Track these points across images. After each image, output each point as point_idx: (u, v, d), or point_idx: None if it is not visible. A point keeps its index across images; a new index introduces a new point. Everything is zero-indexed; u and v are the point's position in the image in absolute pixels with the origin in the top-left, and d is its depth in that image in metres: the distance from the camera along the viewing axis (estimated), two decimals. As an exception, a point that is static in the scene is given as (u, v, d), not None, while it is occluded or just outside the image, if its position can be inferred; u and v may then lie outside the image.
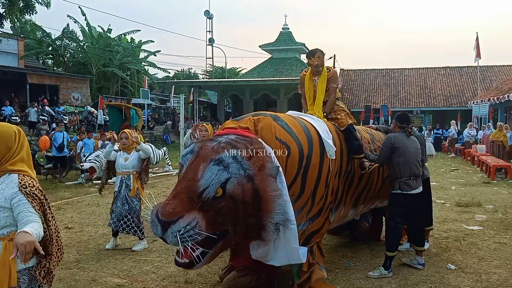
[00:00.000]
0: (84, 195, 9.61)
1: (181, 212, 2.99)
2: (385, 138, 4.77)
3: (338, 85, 4.91)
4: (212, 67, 45.50)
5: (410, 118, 4.94)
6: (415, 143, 4.73)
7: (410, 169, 4.54)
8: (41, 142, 12.17)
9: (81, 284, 4.38)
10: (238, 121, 3.69)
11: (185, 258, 3.13)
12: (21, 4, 17.11)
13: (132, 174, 5.51)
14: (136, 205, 5.51)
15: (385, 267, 4.53)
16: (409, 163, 4.54)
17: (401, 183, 4.54)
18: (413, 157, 4.59)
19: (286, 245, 3.39)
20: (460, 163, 17.33)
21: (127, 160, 5.53)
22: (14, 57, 26.50)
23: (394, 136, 4.65)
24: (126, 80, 34.02)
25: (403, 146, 4.55)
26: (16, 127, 2.39)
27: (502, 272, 4.62)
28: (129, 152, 5.57)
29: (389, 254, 4.55)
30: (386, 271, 4.50)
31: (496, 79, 28.78)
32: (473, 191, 9.93)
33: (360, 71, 32.85)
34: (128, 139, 5.55)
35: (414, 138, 4.80)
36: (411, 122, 4.89)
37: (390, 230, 4.66)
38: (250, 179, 3.13)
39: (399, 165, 4.52)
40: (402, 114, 4.95)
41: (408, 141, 4.63)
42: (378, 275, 4.46)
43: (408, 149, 4.57)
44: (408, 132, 4.73)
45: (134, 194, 5.47)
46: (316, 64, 4.63)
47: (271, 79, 28.27)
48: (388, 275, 4.48)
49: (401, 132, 4.72)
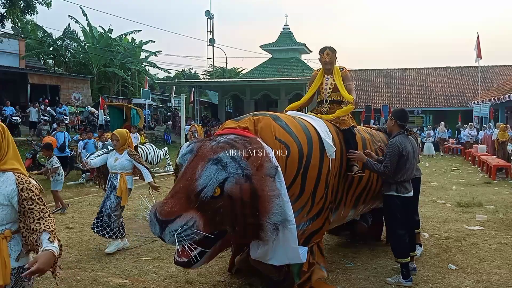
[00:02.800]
0: (85, 195, 9.62)
1: (178, 211, 3.00)
2: (390, 145, 4.37)
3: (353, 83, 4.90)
4: (212, 67, 45.52)
5: (408, 115, 4.69)
6: (414, 143, 4.58)
7: (411, 172, 4.41)
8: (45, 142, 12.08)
9: (82, 284, 4.38)
10: (238, 121, 3.69)
11: (183, 257, 3.14)
12: (22, 4, 17.10)
13: (119, 174, 5.44)
14: (112, 203, 5.38)
15: (402, 275, 4.26)
16: (412, 167, 4.40)
17: (398, 185, 4.33)
18: (414, 159, 4.46)
19: (285, 244, 3.38)
20: (460, 163, 17.32)
21: (116, 161, 5.48)
22: (15, 57, 26.51)
23: (399, 143, 4.32)
24: (127, 80, 34.05)
25: (409, 151, 4.33)
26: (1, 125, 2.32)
27: (503, 272, 4.62)
28: (120, 153, 5.54)
29: (400, 261, 4.28)
30: (403, 280, 4.24)
31: (497, 79, 28.77)
32: (474, 191, 9.92)
33: (361, 71, 32.84)
34: (118, 141, 5.51)
35: (411, 138, 4.62)
36: (408, 119, 4.66)
37: (392, 237, 4.48)
38: (248, 179, 3.13)
39: (405, 170, 4.30)
40: (401, 111, 4.64)
41: (409, 144, 4.41)
42: (394, 283, 4.27)
43: (410, 154, 4.36)
44: (408, 132, 4.56)
45: (120, 193, 5.37)
46: (325, 61, 4.61)
47: (272, 79, 28.26)
48: (405, 285, 4.22)
49: (401, 135, 4.43)
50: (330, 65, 4.67)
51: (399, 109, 4.71)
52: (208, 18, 42.34)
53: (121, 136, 5.54)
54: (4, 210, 2.25)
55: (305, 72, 29.53)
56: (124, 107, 15.27)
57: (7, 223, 2.28)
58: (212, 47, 43.13)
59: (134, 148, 6.06)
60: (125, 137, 5.59)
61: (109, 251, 5.35)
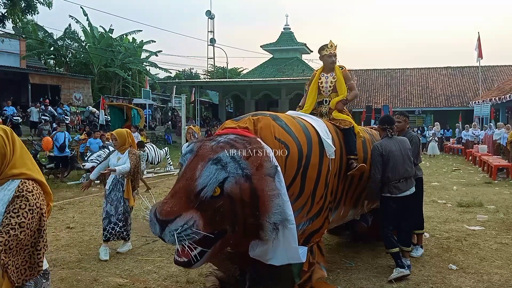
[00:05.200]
0: (86, 195, 9.62)
1: (178, 211, 3.00)
2: (372, 149, 4.67)
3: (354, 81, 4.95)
4: (213, 67, 45.52)
5: (392, 119, 4.86)
6: (403, 142, 4.63)
7: (398, 172, 4.48)
8: (43, 143, 12.18)
9: (82, 284, 4.38)
10: (238, 121, 3.69)
11: (183, 257, 3.14)
12: (22, 4, 17.13)
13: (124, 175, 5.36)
14: (127, 206, 5.35)
15: (399, 266, 4.42)
16: (397, 166, 4.48)
17: (390, 187, 4.49)
18: (400, 158, 4.51)
19: (285, 244, 3.39)
20: (461, 163, 17.30)
21: (119, 160, 5.39)
22: (16, 57, 26.54)
23: (379, 144, 4.59)
24: (128, 80, 34.04)
25: (389, 151, 4.49)
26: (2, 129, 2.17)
27: (503, 273, 4.61)
28: (122, 153, 5.45)
29: (391, 251, 4.49)
30: (402, 269, 4.39)
31: (498, 79, 28.75)
32: (475, 191, 9.91)
33: (361, 71, 32.82)
34: (117, 140, 5.45)
35: (400, 138, 4.71)
36: (394, 123, 4.77)
37: (381, 231, 4.67)
38: (248, 179, 3.13)
39: (388, 170, 4.47)
40: (384, 116, 4.91)
41: (391, 144, 4.55)
42: (397, 275, 4.35)
43: (394, 153, 4.50)
44: (390, 133, 4.63)
45: (127, 195, 5.32)
46: (330, 53, 4.61)
47: (273, 79, 28.28)
48: (406, 272, 4.37)
49: (384, 138, 4.66)
50: (334, 58, 4.66)
51: (383, 115, 5.05)
52: (209, 18, 42.37)
53: (119, 136, 5.46)
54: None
55: (306, 72, 29.52)
56: (125, 107, 15.30)
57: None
58: (212, 47, 43.22)
59: (138, 144, 5.97)
60: (125, 137, 5.49)
61: (123, 250, 5.43)
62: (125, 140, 5.48)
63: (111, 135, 5.62)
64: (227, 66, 46.45)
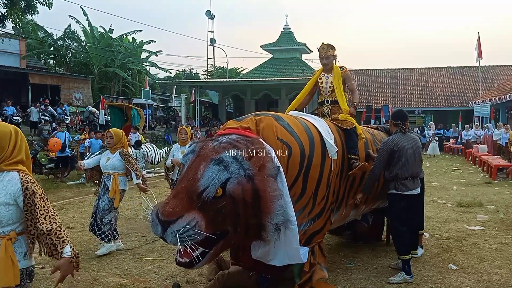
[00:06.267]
0: (86, 195, 9.62)
1: (180, 211, 3.00)
2: (382, 143, 4.57)
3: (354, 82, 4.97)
4: (213, 67, 45.52)
5: (405, 114, 4.70)
6: (414, 141, 4.54)
7: (408, 169, 4.39)
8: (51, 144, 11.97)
9: (82, 284, 4.38)
10: (240, 121, 3.69)
11: (185, 257, 3.14)
12: (22, 4, 17.12)
13: (112, 175, 5.32)
14: (106, 204, 5.28)
15: (405, 272, 4.34)
16: (408, 163, 4.38)
17: (397, 183, 4.38)
18: (412, 156, 4.43)
19: (287, 245, 3.38)
20: (461, 163, 17.31)
21: (108, 161, 5.35)
22: (15, 57, 26.55)
23: (391, 139, 4.46)
24: (128, 80, 34.04)
25: (401, 147, 4.37)
26: (14, 128, 2.36)
27: (503, 273, 4.61)
28: (113, 152, 5.42)
29: (401, 257, 4.38)
30: (407, 276, 4.32)
31: (498, 79, 28.77)
32: (475, 191, 9.92)
33: (361, 71, 32.83)
34: (112, 138, 5.40)
35: (412, 135, 4.61)
36: (407, 118, 4.65)
37: (393, 233, 4.61)
38: (250, 179, 3.12)
39: (399, 166, 4.35)
40: (397, 111, 4.76)
41: (405, 140, 4.43)
42: (400, 280, 4.29)
43: (407, 150, 4.39)
44: (403, 129, 4.52)
45: (113, 195, 5.26)
46: (321, 56, 4.66)
47: (272, 79, 28.29)
48: (409, 280, 4.30)
49: (397, 132, 4.54)
50: (326, 60, 4.68)
51: (396, 110, 4.88)
52: (209, 18, 42.40)
53: (115, 134, 5.45)
54: (10, 209, 2.27)
55: (306, 72, 29.55)
56: (125, 107, 15.27)
57: (13, 223, 2.30)
58: (212, 47, 43.28)
59: (137, 143, 5.95)
60: (120, 137, 5.47)
61: (99, 253, 5.26)
62: (119, 140, 5.46)
63: (107, 132, 5.56)
64: (227, 66, 46.50)
